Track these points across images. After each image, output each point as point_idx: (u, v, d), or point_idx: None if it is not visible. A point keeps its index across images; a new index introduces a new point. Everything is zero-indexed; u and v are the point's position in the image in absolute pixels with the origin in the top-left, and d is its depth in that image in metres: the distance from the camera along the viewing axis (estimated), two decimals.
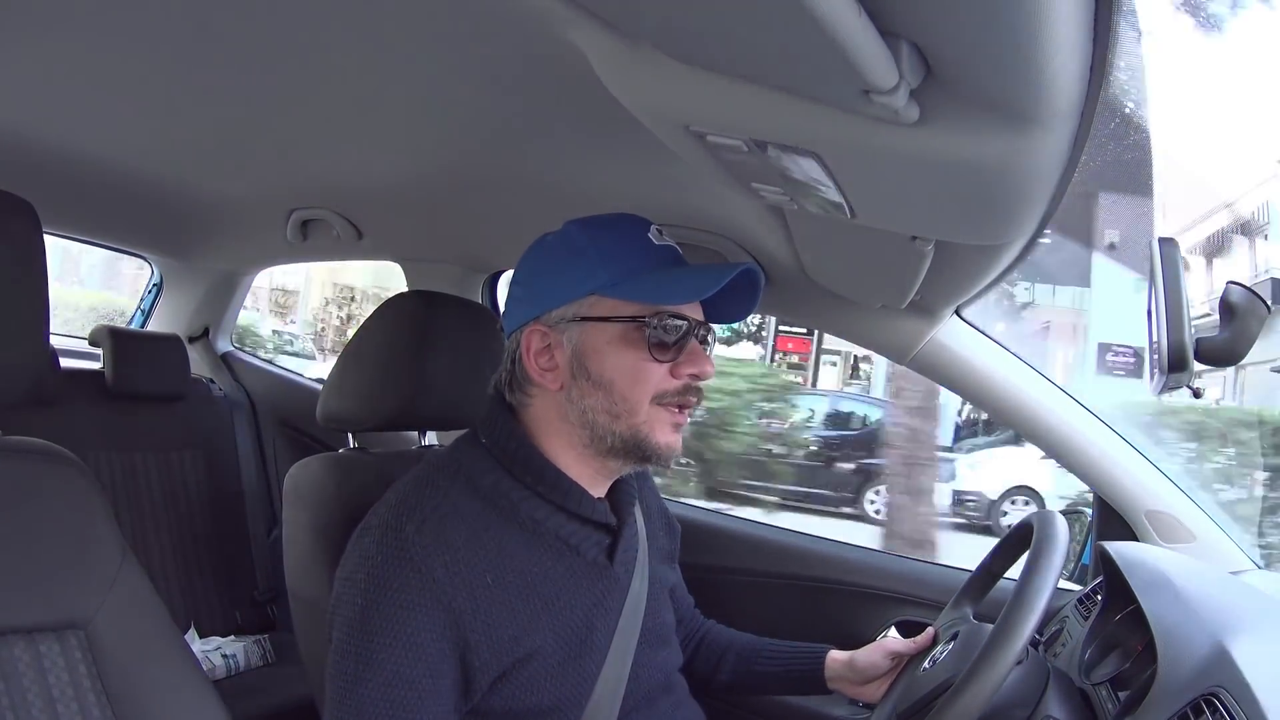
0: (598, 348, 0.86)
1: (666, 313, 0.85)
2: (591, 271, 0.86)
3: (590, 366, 0.86)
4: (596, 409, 0.86)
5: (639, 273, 0.86)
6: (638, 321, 0.85)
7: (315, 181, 1.45)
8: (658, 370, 0.86)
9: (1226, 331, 0.91)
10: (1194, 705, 0.73)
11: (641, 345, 0.85)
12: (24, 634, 0.74)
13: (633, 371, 0.85)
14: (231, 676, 1.67)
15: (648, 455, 0.87)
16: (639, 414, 0.86)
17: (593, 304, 0.86)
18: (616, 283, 0.85)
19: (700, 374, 0.88)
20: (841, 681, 1.06)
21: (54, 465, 0.81)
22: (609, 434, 0.86)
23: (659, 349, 0.85)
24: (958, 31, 0.49)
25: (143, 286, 2.17)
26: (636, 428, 0.86)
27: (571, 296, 0.86)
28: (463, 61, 0.87)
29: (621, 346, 0.85)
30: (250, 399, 2.06)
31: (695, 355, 0.88)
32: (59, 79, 1.02)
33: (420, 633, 0.78)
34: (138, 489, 1.73)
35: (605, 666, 0.88)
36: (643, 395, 0.86)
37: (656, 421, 0.86)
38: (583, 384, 0.86)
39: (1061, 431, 1.27)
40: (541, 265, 0.90)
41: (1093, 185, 4.50)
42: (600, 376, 0.85)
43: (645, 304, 0.85)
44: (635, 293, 0.85)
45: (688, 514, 1.63)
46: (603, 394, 0.85)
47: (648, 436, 0.86)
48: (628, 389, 0.85)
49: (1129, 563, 1.01)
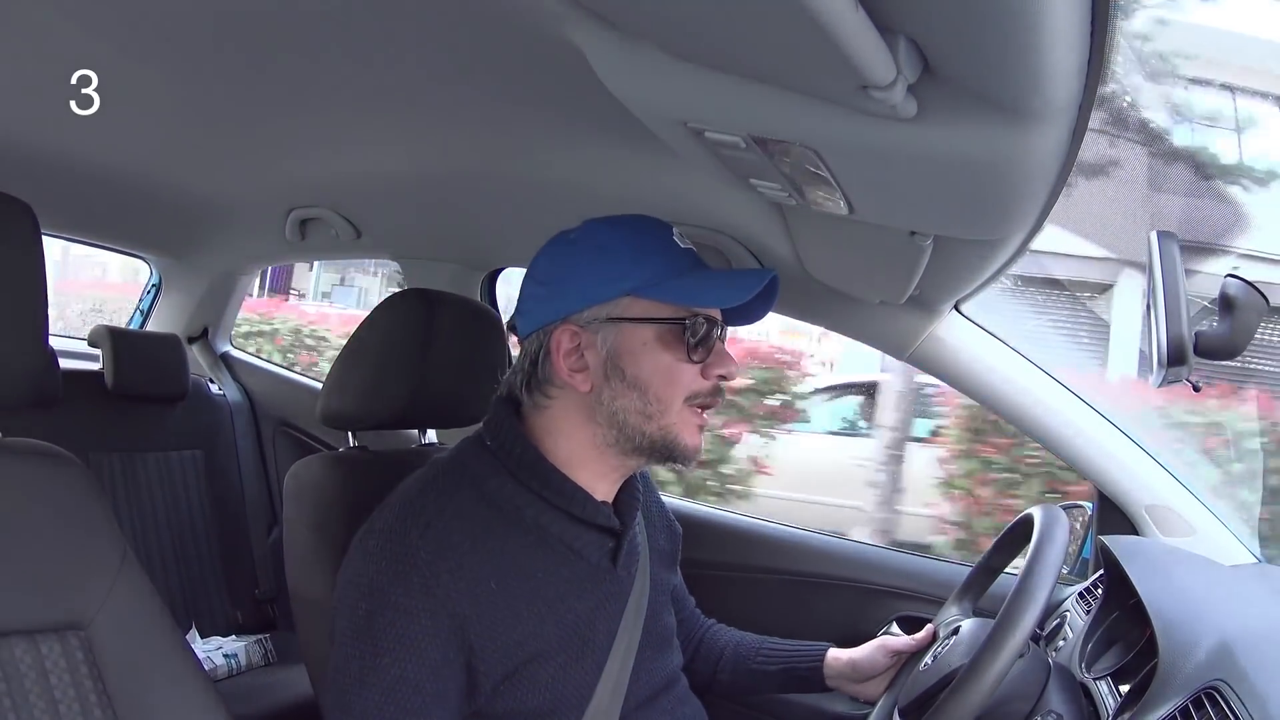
0: (633, 349, 0.86)
1: (700, 315, 0.86)
2: (626, 272, 0.86)
3: (625, 367, 0.86)
4: (629, 409, 0.86)
5: (672, 275, 0.86)
6: (675, 323, 0.86)
7: (313, 180, 1.45)
8: (690, 371, 0.87)
9: (1225, 325, 0.91)
10: (1195, 699, 0.73)
11: (678, 346, 0.86)
12: (25, 635, 0.75)
13: (668, 372, 0.86)
14: (233, 676, 1.67)
15: (675, 455, 0.88)
16: (670, 414, 0.86)
17: (628, 305, 0.86)
18: (653, 284, 0.85)
19: (728, 374, 0.89)
20: (841, 680, 1.06)
21: (54, 466, 0.81)
22: (639, 434, 0.87)
23: (695, 350, 0.86)
24: (955, 26, 0.49)
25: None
26: (667, 428, 0.87)
27: (605, 297, 0.86)
28: (460, 60, 0.87)
29: (658, 348, 0.86)
30: (250, 399, 2.06)
31: (723, 356, 0.89)
32: (58, 79, 1.02)
33: (424, 637, 0.78)
34: (138, 489, 1.73)
35: (606, 669, 0.88)
36: (676, 396, 0.86)
37: (685, 423, 0.87)
38: (616, 385, 0.86)
39: (1061, 426, 1.27)
40: (567, 263, 0.89)
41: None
42: (636, 378, 0.86)
43: (682, 306, 0.86)
44: (672, 294, 0.86)
45: (687, 510, 1.63)
46: (637, 395, 0.86)
47: (677, 437, 0.87)
48: (662, 389, 0.86)
49: (1129, 557, 1.01)
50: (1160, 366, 0.91)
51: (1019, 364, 1.30)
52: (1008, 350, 1.30)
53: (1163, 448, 1.29)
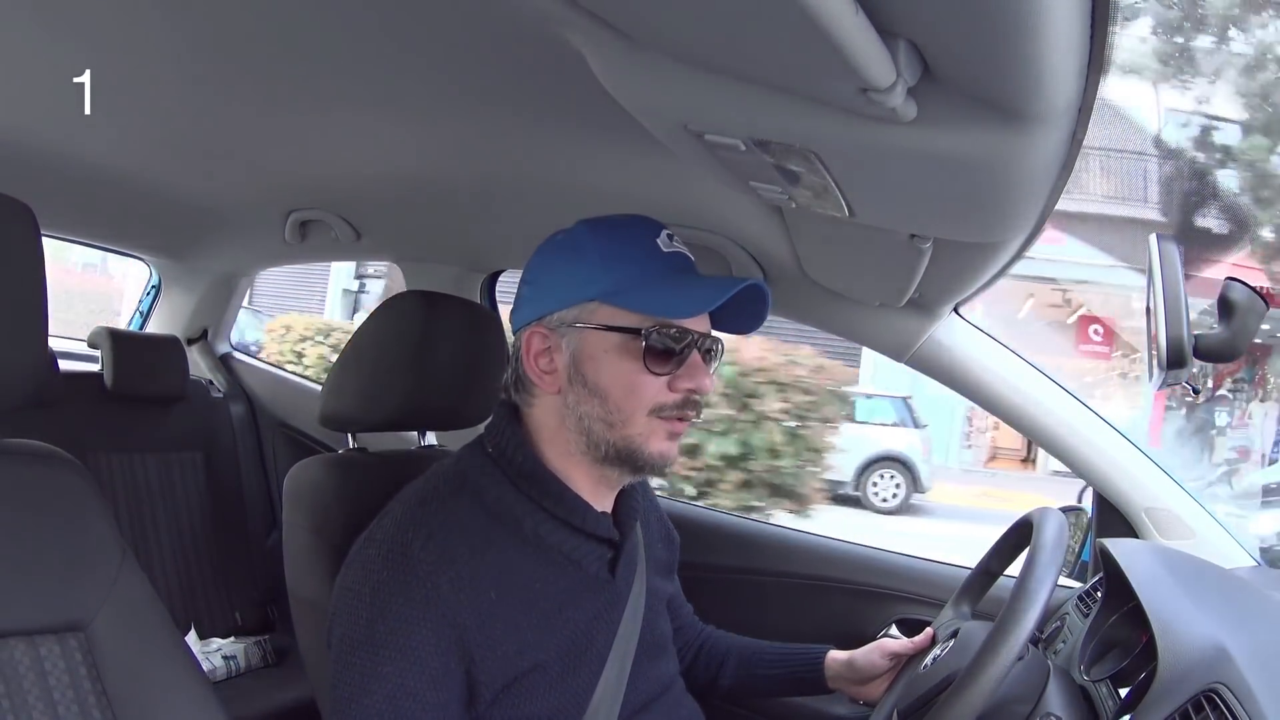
0: (594, 355, 0.84)
1: (667, 325, 0.84)
2: (593, 277, 0.84)
3: (587, 373, 0.84)
4: (592, 416, 0.85)
5: (641, 282, 0.84)
6: (634, 333, 0.83)
7: (313, 182, 1.45)
8: (654, 383, 0.84)
9: (1225, 328, 0.91)
10: (1194, 702, 0.73)
11: (638, 357, 0.83)
12: (24, 636, 0.74)
13: (628, 383, 0.84)
14: (232, 678, 1.67)
15: (641, 465, 0.86)
16: (634, 425, 0.84)
17: (593, 310, 0.84)
18: (617, 291, 0.83)
19: (698, 389, 0.86)
20: (842, 681, 1.06)
21: (53, 468, 0.81)
22: (603, 442, 0.85)
23: (656, 362, 0.83)
24: (955, 30, 0.49)
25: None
26: (630, 438, 0.85)
27: (573, 300, 0.85)
28: (461, 62, 0.87)
29: (618, 357, 0.84)
30: (249, 400, 2.06)
31: (694, 369, 0.86)
32: (58, 81, 1.02)
33: (425, 646, 0.78)
34: (137, 491, 1.73)
35: (604, 677, 0.88)
36: (637, 407, 0.84)
37: (652, 433, 0.85)
38: (579, 390, 0.85)
39: (1061, 429, 1.27)
40: (547, 265, 0.88)
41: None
42: (596, 385, 0.84)
43: (645, 315, 0.83)
44: (635, 303, 0.83)
45: (685, 512, 1.63)
46: (598, 402, 0.84)
47: (641, 447, 0.85)
48: (622, 399, 0.84)
49: (1129, 560, 1.01)
50: (1160, 369, 0.91)
51: (1018, 367, 1.30)
52: (1007, 353, 1.30)
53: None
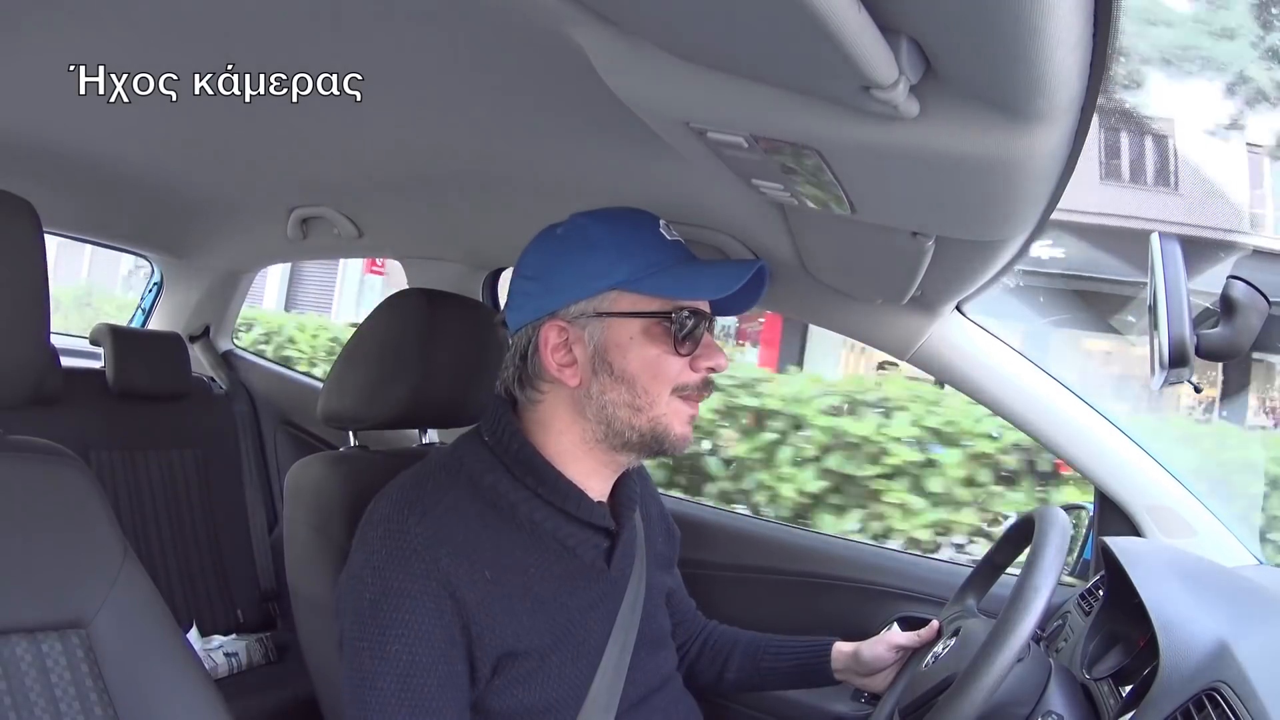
0: (620, 343, 0.86)
1: (686, 308, 0.87)
2: (611, 266, 0.86)
3: (613, 361, 0.86)
4: (617, 403, 0.87)
5: (659, 268, 0.87)
6: (661, 317, 0.86)
7: (315, 179, 1.45)
8: (678, 364, 0.87)
9: (1227, 327, 0.91)
10: (1196, 700, 0.73)
11: (664, 340, 0.87)
12: (26, 633, 0.75)
13: (655, 365, 0.87)
14: (233, 675, 1.67)
15: (665, 447, 0.89)
16: (659, 406, 0.87)
17: (614, 299, 0.86)
18: (637, 279, 0.86)
19: (716, 367, 0.90)
20: (848, 673, 1.07)
21: (55, 465, 0.81)
22: (628, 428, 0.87)
23: (681, 343, 0.87)
24: (957, 27, 0.49)
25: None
26: (656, 420, 0.88)
27: (590, 291, 0.87)
28: (462, 59, 0.87)
29: (644, 341, 0.87)
30: (251, 397, 2.06)
31: (711, 348, 0.90)
32: (59, 78, 1.02)
33: (429, 619, 0.79)
34: (139, 488, 1.73)
35: (601, 668, 0.88)
36: (664, 388, 0.87)
37: (674, 414, 0.88)
38: (604, 379, 0.87)
39: (1063, 427, 1.27)
40: (554, 259, 0.89)
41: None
42: (624, 371, 0.86)
43: (667, 299, 0.86)
44: (658, 288, 0.86)
45: (689, 511, 1.63)
46: (625, 388, 0.87)
47: (667, 429, 0.88)
48: (649, 383, 0.87)
49: (1131, 558, 1.00)
50: (1162, 368, 0.91)
51: (1021, 365, 1.29)
52: (1009, 351, 1.30)
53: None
